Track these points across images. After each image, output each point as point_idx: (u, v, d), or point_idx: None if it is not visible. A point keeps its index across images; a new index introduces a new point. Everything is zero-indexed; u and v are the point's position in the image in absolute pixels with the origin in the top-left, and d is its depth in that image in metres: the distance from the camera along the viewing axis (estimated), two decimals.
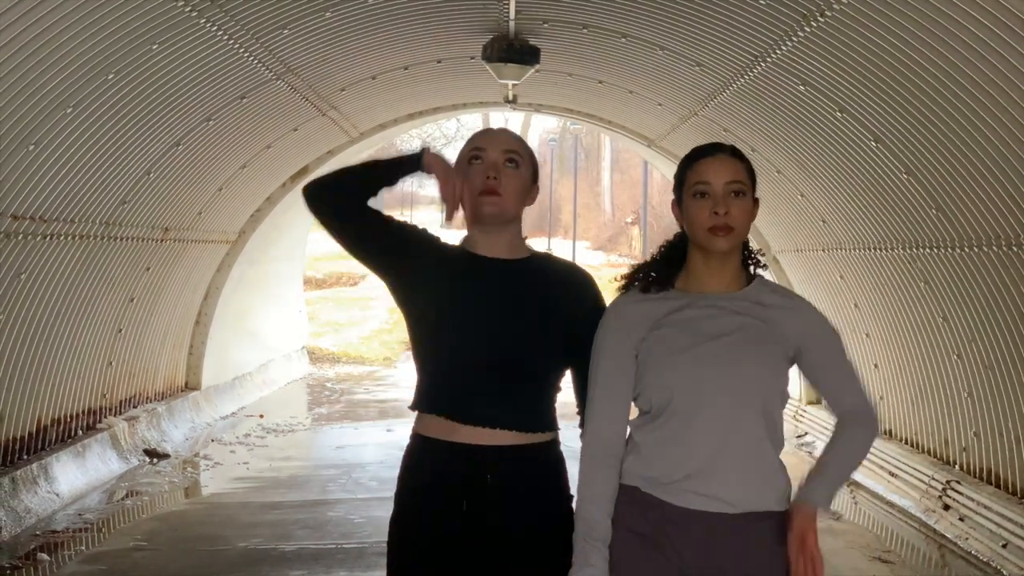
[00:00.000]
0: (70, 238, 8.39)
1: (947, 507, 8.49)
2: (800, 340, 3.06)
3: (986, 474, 8.31)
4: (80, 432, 9.64)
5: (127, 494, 9.31)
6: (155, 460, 10.51)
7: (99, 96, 7.42)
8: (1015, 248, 7.14)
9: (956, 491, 8.46)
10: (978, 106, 6.59)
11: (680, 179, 3.10)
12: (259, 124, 10.77)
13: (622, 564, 2.98)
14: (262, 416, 13.47)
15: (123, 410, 10.73)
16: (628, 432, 3.10)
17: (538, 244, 3.01)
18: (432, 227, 3.46)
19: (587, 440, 3.10)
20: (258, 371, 15.57)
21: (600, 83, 12.00)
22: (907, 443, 9.87)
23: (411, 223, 3.32)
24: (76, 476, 9.07)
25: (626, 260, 42.25)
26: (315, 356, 19.70)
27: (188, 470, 10.45)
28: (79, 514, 8.49)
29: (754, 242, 12.13)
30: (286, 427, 12.91)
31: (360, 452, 11.41)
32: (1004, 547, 7.55)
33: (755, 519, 2.96)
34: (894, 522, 8.94)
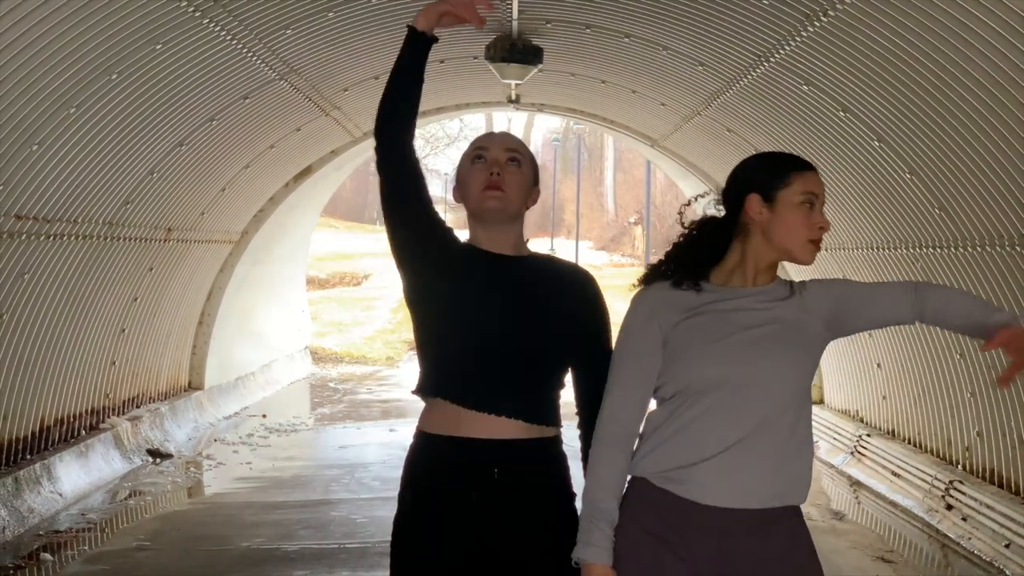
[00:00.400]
0: (73, 238, 8.40)
1: (950, 507, 8.48)
2: (827, 308, 3.05)
3: (989, 474, 8.31)
4: (83, 432, 9.65)
5: (130, 494, 9.32)
6: (158, 460, 10.52)
7: (102, 96, 7.42)
8: (1018, 248, 7.14)
9: (959, 491, 8.45)
10: (981, 106, 6.58)
11: (777, 179, 3.05)
12: (262, 124, 10.78)
13: (636, 566, 2.96)
14: (265, 416, 13.47)
15: (126, 410, 10.73)
16: (643, 423, 3.08)
17: (541, 244, 3.00)
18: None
19: (603, 422, 3.07)
20: (261, 371, 15.57)
21: (603, 83, 12.00)
22: (910, 443, 9.87)
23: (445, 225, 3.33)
24: (79, 476, 9.08)
25: (629, 260, 42.25)
26: (318, 356, 19.70)
27: (191, 470, 10.46)
28: (82, 514, 8.50)
29: None
30: (289, 427, 12.91)
31: (363, 452, 11.41)
32: (1007, 547, 7.54)
33: (774, 517, 2.94)
34: (897, 522, 8.93)
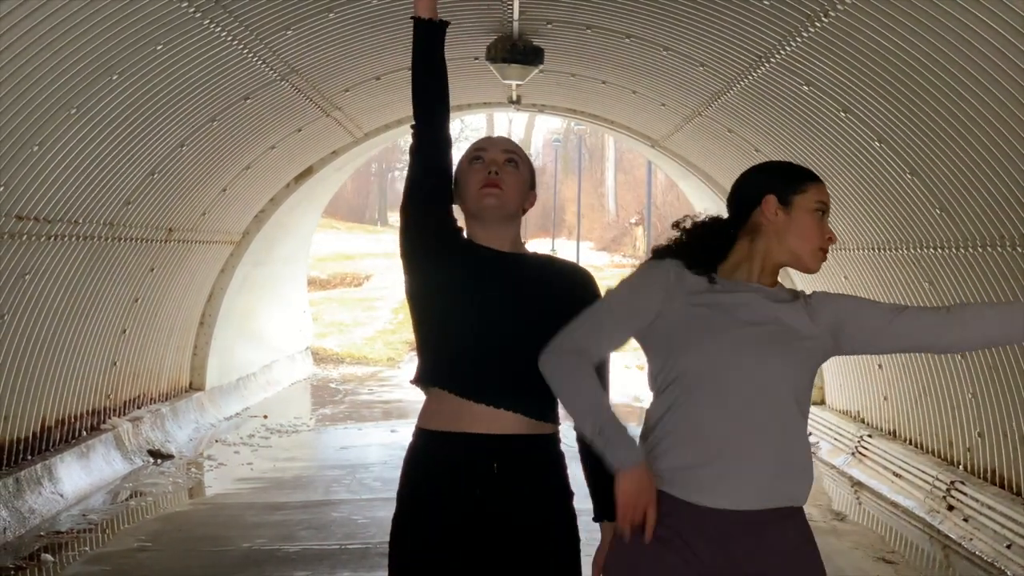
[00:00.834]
0: (74, 239, 8.40)
1: (951, 508, 8.48)
2: (832, 319, 3.04)
3: (990, 475, 8.30)
4: (84, 433, 9.65)
5: (131, 495, 9.32)
6: (159, 461, 10.52)
7: (103, 97, 7.42)
8: (1019, 248, 7.13)
9: (960, 492, 8.45)
10: (982, 106, 6.58)
11: (794, 184, 3.09)
12: (263, 125, 10.78)
13: (640, 568, 2.94)
14: (266, 417, 13.47)
15: (127, 411, 10.73)
16: (643, 420, 3.04)
17: (542, 244, 3.02)
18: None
19: (558, 348, 2.96)
20: (262, 372, 15.57)
21: (604, 83, 12.00)
22: (911, 443, 9.87)
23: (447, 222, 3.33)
24: (80, 477, 9.08)
25: (630, 261, 42.24)
26: (319, 357, 19.70)
27: (192, 471, 10.46)
28: (83, 515, 8.50)
29: None
30: (290, 428, 12.91)
31: (364, 453, 11.41)
32: (1008, 548, 7.54)
33: (777, 517, 2.93)
34: (898, 522, 8.93)
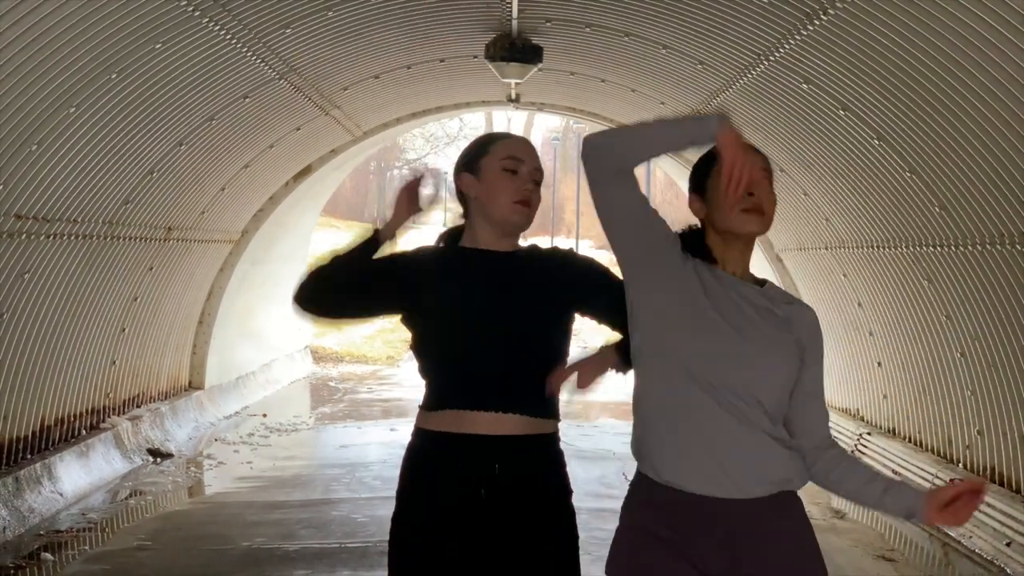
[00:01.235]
0: (73, 238, 8.39)
1: None
2: (804, 348, 3.03)
3: (990, 472, 8.30)
4: (84, 432, 9.64)
5: (131, 494, 9.32)
6: (159, 459, 10.51)
7: (102, 96, 7.42)
8: (1019, 246, 7.13)
9: None
10: (981, 104, 6.58)
11: (706, 170, 3.09)
12: (262, 123, 10.77)
13: (642, 567, 2.94)
14: (265, 415, 13.47)
15: (127, 409, 10.73)
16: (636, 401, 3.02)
17: (541, 243, 3.05)
18: (434, 226, 3.47)
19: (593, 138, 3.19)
20: (261, 370, 15.57)
21: (603, 82, 12.00)
22: (910, 441, 9.86)
23: (394, 254, 3.30)
24: (80, 476, 9.07)
25: None
26: (318, 355, 19.70)
27: (192, 469, 10.46)
28: (83, 514, 8.49)
29: (758, 241, 12.12)
30: (289, 426, 12.92)
31: (363, 451, 11.41)
32: (1008, 545, 7.54)
33: (776, 507, 2.92)
34: (897, 520, 8.92)
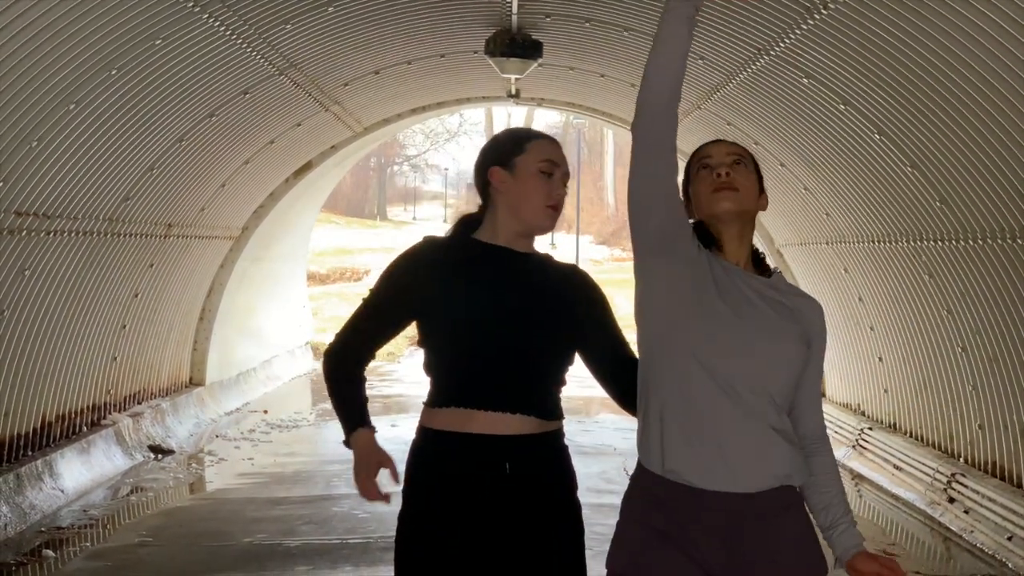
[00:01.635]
0: (73, 235, 8.39)
1: (952, 500, 8.48)
2: (810, 340, 3.04)
3: (991, 467, 8.30)
4: (85, 428, 9.64)
5: (132, 490, 9.32)
6: (160, 456, 10.51)
7: (102, 92, 7.41)
8: (1020, 240, 7.13)
9: (961, 484, 8.45)
10: (982, 98, 6.57)
11: (686, 173, 3.10)
12: (262, 120, 10.77)
13: (643, 565, 2.93)
14: (266, 412, 13.48)
15: (128, 406, 10.73)
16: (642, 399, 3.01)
17: (541, 240, 3.03)
18: (435, 222, 3.46)
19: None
20: (262, 367, 15.57)
21: (602, 77, 11.99)
22: (912, 436, 9.86)
23: (401, 274, 3.27)
24: (81, 472, 9.08)
25: (629, 255, 42.22)
26: (319, 352, 19.68)
27: (193, 466, 10.46)
28: (84, 510, 8.50)
29: (758, 236, 12.12)
30: (290, 423, 12.92)
31: None
32: (1009, 540, 7.54)
33: (776, 502, 2.93)
34: (899, 515, 8.93)
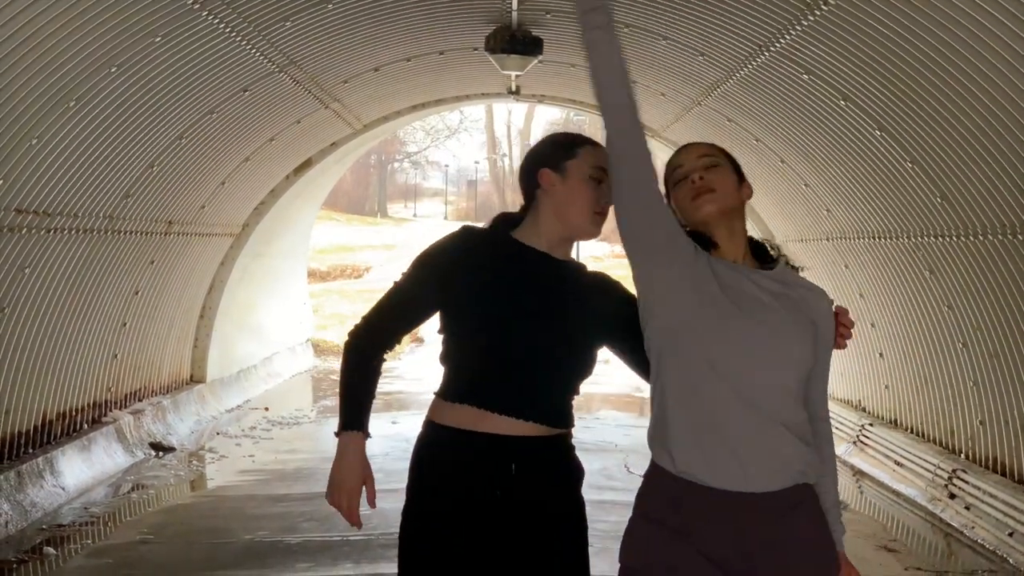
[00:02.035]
0: (74, 232, 8.39)
1: (953, 496, 8.48)
2: (818, 331, 3.03)
3: (992, 462, 8.31)
4: (85, 426, 9.65)
5: (133, 487, 9.32)
6: (161, 453, 10.52)
7: (102, 90, 7.41)
8: (1020, 236, 7.13)
9: (962, 480, 8.45)
10: (983, 94, 6.57)
11: (666, 186, 3.09)
12: (262, 117, 10.76)
13: (652, 561, 2.92)
14: (267, 409, 13.48)
15: (128, 404, 10.73)
16: (653, 402, 2.99)
17: None
18: (435, 219, 3.44)
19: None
20: (263, 364, 15.57)
21: None
22: (913, 432, 9.87)
23: (433, 262, 3.25)
24: (82, 470, 9.08)
25: None
26: (320, 349, 19.72)
27: (194, 463, 10.46)
28: (85, 508, 8.50)
29: (758, 232, 12.12)
30: (291, 420, 12.92)
31: (365, 445, 11.39)
32: (1010, 535, 7.54)
33: (789, 499, 2.92)
34: (900, 511, 8.93)
